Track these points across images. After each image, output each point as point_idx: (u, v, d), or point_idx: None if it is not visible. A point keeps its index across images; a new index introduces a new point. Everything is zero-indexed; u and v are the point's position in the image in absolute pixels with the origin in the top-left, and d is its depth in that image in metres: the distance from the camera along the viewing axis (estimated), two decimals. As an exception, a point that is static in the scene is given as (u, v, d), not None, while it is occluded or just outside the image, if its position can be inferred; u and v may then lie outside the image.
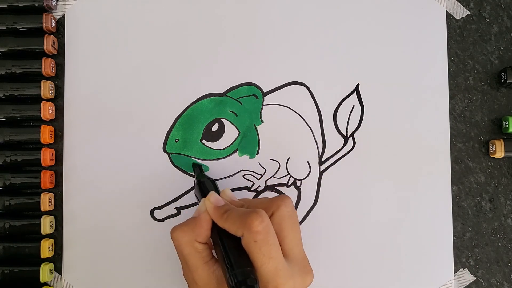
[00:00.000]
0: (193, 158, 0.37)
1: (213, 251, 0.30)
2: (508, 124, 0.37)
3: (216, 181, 0.37)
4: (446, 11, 0.39)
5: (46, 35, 0.37)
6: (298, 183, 0.38)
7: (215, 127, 0.38)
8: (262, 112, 0.38)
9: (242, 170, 0.38)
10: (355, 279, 0.37)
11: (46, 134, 0.36)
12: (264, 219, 0.27)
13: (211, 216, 0.30)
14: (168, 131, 0.38)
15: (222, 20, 0.38)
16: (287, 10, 0.38)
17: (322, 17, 0.38)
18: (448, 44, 0.39)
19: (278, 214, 0.29)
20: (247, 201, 0.32)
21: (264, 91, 0.38)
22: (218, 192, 0.32)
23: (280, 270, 0.27)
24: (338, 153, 0.38)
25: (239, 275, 0.26)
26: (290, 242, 0.29)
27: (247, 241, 0.27)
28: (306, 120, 0.38)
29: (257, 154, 0.38)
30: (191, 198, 0.37)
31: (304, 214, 0.38)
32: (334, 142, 0.38)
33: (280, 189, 0.38)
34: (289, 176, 0.38)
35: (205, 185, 0.33)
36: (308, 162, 0.38)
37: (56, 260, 0.37)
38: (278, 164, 0.38)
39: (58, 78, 0.38)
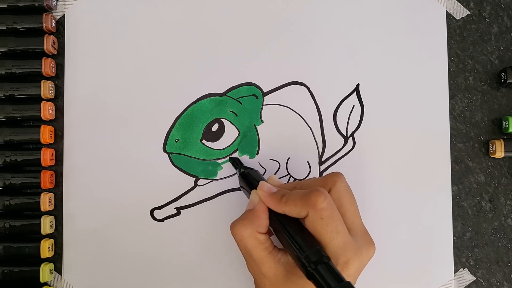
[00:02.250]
0: (194, 158, 0.37)
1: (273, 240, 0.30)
2: (508, 124, 0.37)
3: (217, 181, 0.37)
4: (446, 11, 0.39)
5: (46, 35, 0.37)
6: (298, 183, 0.38)
7: (215, 127, 0.38)
8: (262, 112, 0.38)
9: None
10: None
11: (46, 134, 0.36)
12: (327, 196, 0.28)
13: (267, 204, 0.29)
14: (168, 131, 0.38)
15: (222, 20, 0.38)
16: (287, 10, 0.38)
17: (322, 17, 0.38)
18: (448, 44, 0.39)
19: (335, 190, 0.29)
20: (298, 183, 0.32)
21: (264, 91, 0.38)
22: (265, 180, 0.32)
23: (348, 243, 0.27)
24: (338, 153, 0.38)
25: (312, 256, 0.26)
26: (351, 216, 0.29)
27: (312, 220, 0.27)
28: (306, 120, 0.38)
29: (257, 154, 0.38)
30: (191, 198, 0.37)
31: (304, 214, 0.38)
32: (334, 142, 0.38)
33: (280, 189, 0.38)
34: (289, 176, 0.38)
35: (250, 176, 0.33)
36: (308, 162, 0.38)
37: (56, 260, 0.37)
38: (278, 164, 0.38)
39: (58, 78, 0.38)
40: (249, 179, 0.33)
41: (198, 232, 0.37)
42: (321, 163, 0.38)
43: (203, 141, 0.38)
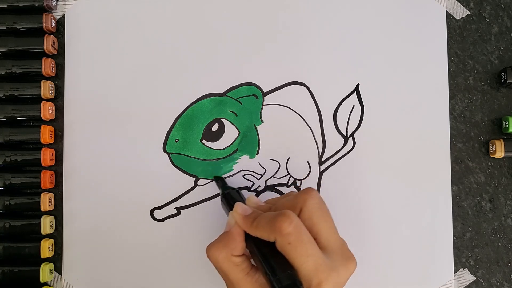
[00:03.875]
0: (194, 158, 0.37)
1: (251, 260, 0.30)
2: (508, 124, 0.37)
3: (216, 181, 0.37)
4: (446, 11, 0.39)
5: (46, 35, 0.37)
6: (298, 183, 0.38)
7: (215, 127, 0.38)
8: (262, 112, 0.38)
9: (242, 170, 0.38)
10: (355, 279, 0.37)
11: (46, 134, 0.36)
12: (293, 219, 0.27)
13: (241, 227, 0.29)
14: (168, 131, 0.38)
15: (222, 20, 0.38)
16: (287, 10, 0.38)
17: (322, 17, 0.38)
18: (448, 44, 0.39)
19: (306, 209, 0.29)
20: (273, 201, 0.31)
21: (264, 91, 0.38)
22: (243, 201, 0.32)
23: (320, 265, 0.27)
24: (338, 153, 0.38)
25: (283, 280, 0.26)
26: (325, 234, 0.29)
27: (281, 245, 0.27)
28: (306, 120, 0.38)
29: (257, 154, 0.38)
30: (191, 198, 0.37)
31: (304, 214, 0.38)
32: (334, 142, 0.38)
33: (280, 189, 0.38)
34: (289, 176, 0.38)
35: (230, 197, 0.33)
36: (308, 162, 0.38)
37: (56, 260, 0.37)
38: (278, 164, 0.38)
39: (58, 78, 0.38)
40: (229, 201, 0.33)
41: (198, 232, 0.37)
42: (321, 163, 0.38)
43: (203, 141, 0.38)
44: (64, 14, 0.38)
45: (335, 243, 0.29)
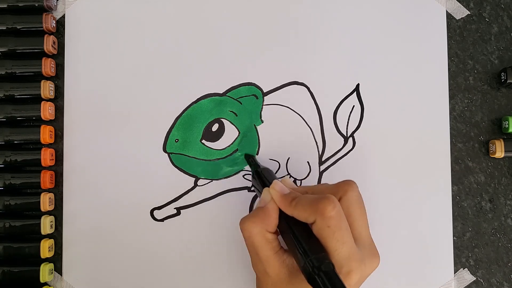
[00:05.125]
0: (194, 158, 0.37)
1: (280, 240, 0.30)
2: (508, 124, 0.37)
3: (216, 181, 0.37)
4: (446, 11, 0.39)
5: (46, 35, 0.37)
6: (298, 183, 0.38)
7: (215, 127, 0.38)
8: (262, 112, 0.38)
9: (242, 170, 0.38)
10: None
11: (46, 134, 0.36)
12: (336, 204, 0.27)
13: (278, 205, 0.29)
14: (168, 131, 0.38)
15: (222, 20, 0.38)
16: (287, 10, 0.38)
17: (322, 16, 0.38)
18: (448, 44, 0.39)
19: (346, 199, 0.29)
20: (310, 188, 0.32)
21: (264, 91, 0.38)
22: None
23: (353, 254, 0.27)
24: (338, 153, 0.38)
25: (315, 261, 0.26)
26: (359, 227, 0.29)
27: (320, 227, 0.27)
28: (306, 120, 0.38)
29: (257, 154, 0.38)
30: (191, 198, 0.37)
31: (304, 214, 0.38)
32: (334, 142, 0.38)
33: (280, 189, 0.38)
34: (289, 176, 0.38)
35: (264, 175, 0.33)
36: (308, 162, 0.38)
37: (56, 260, 0.37)
38: (278, 164, 0.38)
39: (58, 78, 0.38)
40: (263, 177, 0.33)
41: (198, 232, 0.37)
42: (321, 163, 0.38)
43: (203, 141, 0.38)
44: (64, 14, 0.38)
45: (367, 238, 0.30)
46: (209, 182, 0.38)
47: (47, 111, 0.37)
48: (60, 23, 0.38)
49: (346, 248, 0.27)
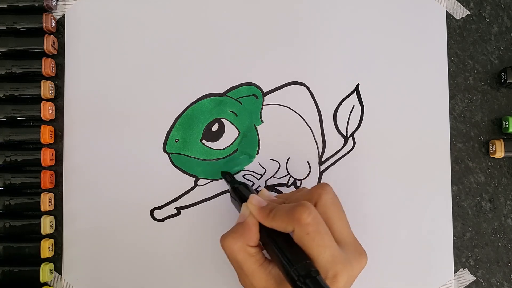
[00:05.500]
0: (194, 158, 0.37)
1: (264, 252, 0.30)
2: (508, 124, 0.37)
3: (216, 181, 0.37)
4: (446, 11, 0.39)
5: (46, 35, 0.37)
6: (298, 183, 0.38)
7: (215, 127, 0.38)
8: (262, 112, 0.38)
9: (242, 170, 0.38)
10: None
11: (46, 134, 0.36)
12: (312, 210, 0.27)
13: (257, 218, 0.29)
14: (168, 131, 0.38)
15: (222, 20, 0.38)
16: (287, 10, 0.38)
17: (322, 17, 0.38)
18: (448, 44, 0.39)
19: (321, 203, 0.29)
20: (286, 196, 0.32)
21: (264, 91, 0.38)
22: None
23: (336, 257, 0.27)
24: (338, 153, 0.38)
25: (300, 270, 0.26)
26: (339, 228, 0.29)
27: (299, 235, 0.27)
28: (306, 120, 0.38)
29: (257, 154, 0.38)
30: (191, 198, 0.37)
31: (304, 214, 0.38)
32: (334, 142, 0.38)
33: (280, 189, 0.38)
34: (289, 176, 0.38)
35: (241, 190, 0.33)
36: (308, 162, 0.38)
37: (56, 260, 0.37)
38: (278, 164, 0.38)
39: (58, 78, 0.38)
40: (241, 193, 0.33)
41: (198, 232, 0.37)
42: (321, 163, 0.38)
43: (203, 141, 0.38)
44: (64, 14, 0.38)
45: (348, 237, 0.29)
46: (209, 182, 0.38)
47: (47, 111, 0.37)
48: (60, 23, 0.38)
49: (329, 252, 0.27)
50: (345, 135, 0.38)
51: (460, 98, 0.39)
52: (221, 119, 0.38)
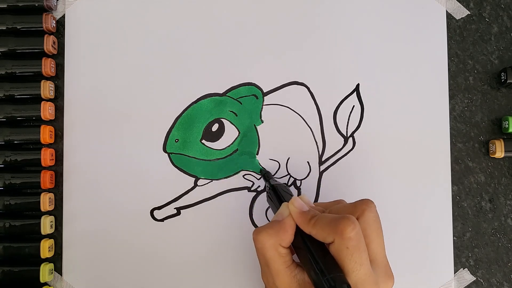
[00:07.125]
0: (194, 158, 0.37)
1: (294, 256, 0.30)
2: (508, 124, 0.37)
3: (217, 181, 0.37)
4: (446, 11, 0.39)
5: (46, 35, 0.37)
6: (298, 183, 0.38)
7: (215, 127, 0.38)
8: (262, 112, 0.38)
9: (242, 170, 0.38)
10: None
11: (46, 134, 0.36)
12: (356, 225, 0.27)
13: (296, 221, 0.29)
14: (168, 131, 0.38)
15: (222, 20, 0.38)
16: (287, 10, 0.38)
17: (322, 17, 0.38)
18: (448, 44, 0.39)
19: (363, 219, 0.29)
20: (326, 205, 0.31)
21: (264, 91, 0.38)
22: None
23: (369, 276, 0.27)
24: (338, 153, 0.38)
25: (332, 281, 0.25)
26: (375, 248, 0.29)
27: (338, 248, 0.26)
28: (306, 120, 0.38)
29: (257, 154, 0.38)
30: (191, 198, 0.37)
31: (304, 214, 0.38)
32: (334, 142, 0.38)
33: (280, 189, 0.38)
34: (289, 176, 0.38)
35: (280, 190, 0.33)
36: (308, 162, 0.38)
37: (56, 260, 0.37)
38: (278, 164, 0.38)
39: (58, 78, 0.38)
40: (280, 192, 0.33)
41: (198, 232, 0.37)
42: (321, 163, 0.38)
43: (203, 141, 0.38)
44: (64, 14, 0.38)
45: (382, 259, 0.29)
46: (209, 182, 0.38)
47: (47, 111, 0.37)
48: (60, 23, 0.38)
49: (363, 270, 0.26)
50: (345, 135, 0.38)
51: (460, 98, 0.39)
52: (221, 119, 0.38)
